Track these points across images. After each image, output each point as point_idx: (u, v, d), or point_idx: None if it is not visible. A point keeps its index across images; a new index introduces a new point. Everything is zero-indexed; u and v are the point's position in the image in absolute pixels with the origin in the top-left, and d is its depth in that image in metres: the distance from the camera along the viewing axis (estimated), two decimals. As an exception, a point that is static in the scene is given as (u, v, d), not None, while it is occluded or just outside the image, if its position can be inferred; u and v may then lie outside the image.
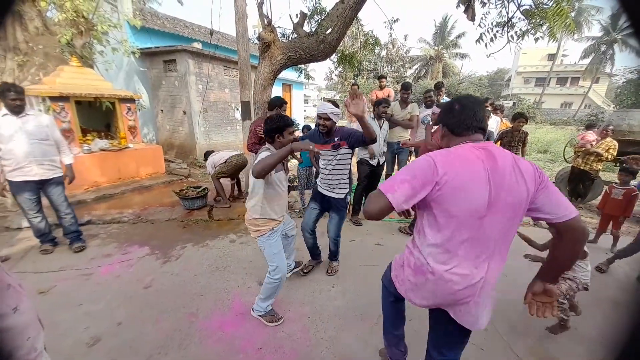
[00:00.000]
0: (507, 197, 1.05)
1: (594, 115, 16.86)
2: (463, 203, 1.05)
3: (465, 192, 1.04)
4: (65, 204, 3.13)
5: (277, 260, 2.06)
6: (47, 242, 3.13)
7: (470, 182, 1.04)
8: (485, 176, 1.04)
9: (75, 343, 1.96)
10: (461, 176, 1.04)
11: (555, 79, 31.22)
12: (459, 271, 1.10)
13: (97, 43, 5.82)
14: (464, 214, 1.06)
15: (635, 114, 5.75)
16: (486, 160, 1.06)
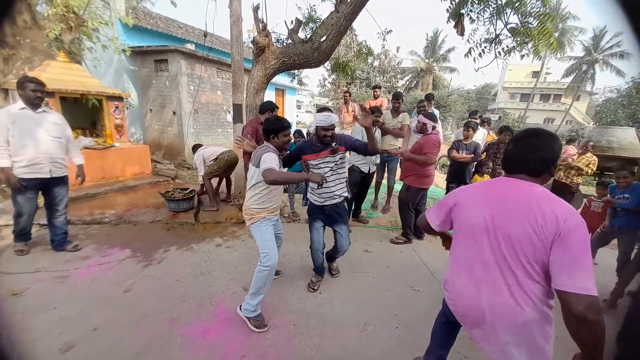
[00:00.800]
0: (505, 228, 1.09)
1: (575, 131, 17.59)
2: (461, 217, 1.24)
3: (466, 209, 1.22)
4: (64, 204, 3.03)
5: (267, 247, 2.09)
6: (22, 241, 2.97)
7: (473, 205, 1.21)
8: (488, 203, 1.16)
9: (48, 349, 1.86)
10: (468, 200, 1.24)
11: (539, 95, 32.47)
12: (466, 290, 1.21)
13: (86, 39, 5.70)
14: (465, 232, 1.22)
15: (614, 131, 6.03)
16: (501, 188, 1.16)
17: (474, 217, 1.17)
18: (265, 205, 2.15)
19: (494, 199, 1.15)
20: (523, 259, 1.04)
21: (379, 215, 4.66)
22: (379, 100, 5.91)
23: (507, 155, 1.20)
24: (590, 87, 28.31)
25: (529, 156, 1.12)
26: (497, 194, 1.16)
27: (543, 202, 1.03)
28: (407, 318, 2.33)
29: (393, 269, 3.11)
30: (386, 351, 2.01)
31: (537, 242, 1.01)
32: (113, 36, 6.14)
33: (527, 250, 1.03)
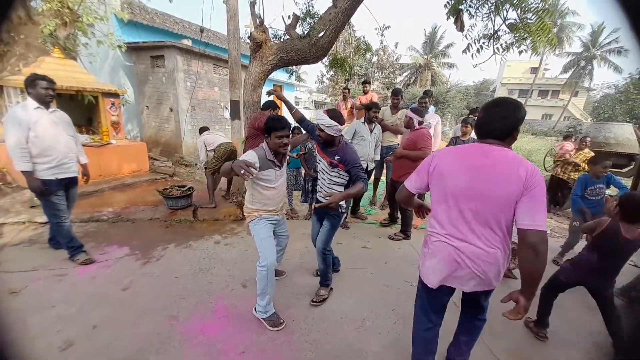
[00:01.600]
0: (487, 186, 1.28)
1: (573, 127, 17.63)
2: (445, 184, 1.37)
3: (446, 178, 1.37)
4: (71, 208, 2.97)
5: (263, 246, 2.08)
6: (77, 250, 2.82)
7: (451, 167, 1.36)
8: (469, 164, 1.32)
9: (47, 347, 1.86)
10: (446, 163, 1.38)
11: (537, 92, 32.51)
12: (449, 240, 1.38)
13: (81, 35, 5.63)
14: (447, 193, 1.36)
15: (611, 127, 6.05)
16: (479, 152, 1.32)
17: (457, 180, 1.33)
18: (261, 206, 2.12)
19: (474, 164, 1.31)
20: (499, 214, 1.28)
21: (377, 211, 4.67)
22: (368, 96, 5.88)
23: (478, 123, 1.38)
24: (588, 83, 28.37)
25: (496, 124, 1.31)
26: (476, 158, 1.31)
27: (517, 165, 1.24)
28: (405, 313, 2.34)
29: (391, 264, 3.12)
30: (384, 346, 2.03)
31: (511, 198, 1.23)
32: (108, 32, 6.07)
33: (502, 206, 1.26)
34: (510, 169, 1.24)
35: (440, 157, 1.41)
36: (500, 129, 1.30)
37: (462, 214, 1.34)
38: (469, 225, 1.33)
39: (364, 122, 3.88)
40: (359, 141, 3.85)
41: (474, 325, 1.67)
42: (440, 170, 1.38)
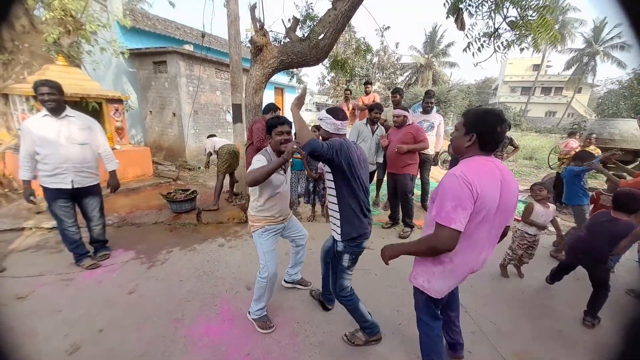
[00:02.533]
0: (511, 199, 1.36)
1: (577, 124, 17.45)
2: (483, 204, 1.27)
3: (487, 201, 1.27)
4: (99, 215, 2.94)
5: (265, 259, 2.07)
6: (83, 256, 2.85)
7: (489, 189, 1.28)
8: (498, 184, 1.30)
9: (53, 351, 1.88)
10: (488, 190, 1.27)
11: (540, 89, 32.28)
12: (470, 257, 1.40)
13: (85, 42, 5.71)
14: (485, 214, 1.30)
15: (616, 123, 5.98)
16: (498, 171, 1.33)
17: (492, 201, 1.29)
18: (264, 213, 2.06)
19: (498, 183, 1.31)
20: (505, 221, 1.40)
21: (381, 212, 4.66)
22: (370, 97, 5.87)
23: (491, 139, 1.32)
24: (591, 79, 28.11)
25: (503, 138, 1.35)
26: (496, 174, 1.32)
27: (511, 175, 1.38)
28: (410, 314, 2.32)
29: (395, 265, 3.06)
30: (390, 347, 2.02)
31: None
32: (111, 39, 6.14)
33: (511, 215, 1.41)
34: (513, 180, 1.38)
35: (477, 175, 1.26)
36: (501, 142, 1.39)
37: (490, 231, 1.37)
38: (489, 238, 1.39)
39: (366, 123, 3.88)
40: (360, 142, 3.85)
41: (454, 295, 1.86)
42: (479, 189, 1.25)
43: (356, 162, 1.76)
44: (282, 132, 1.96)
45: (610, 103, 19.48)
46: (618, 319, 2.41)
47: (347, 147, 1.73)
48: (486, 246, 1.41)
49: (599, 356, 2.02)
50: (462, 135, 1.36)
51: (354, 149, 1.79)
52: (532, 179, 7.98)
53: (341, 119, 1.80)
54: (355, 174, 1.76)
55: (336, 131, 1.81)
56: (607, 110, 18.89)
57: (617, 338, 2.11)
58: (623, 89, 19.47)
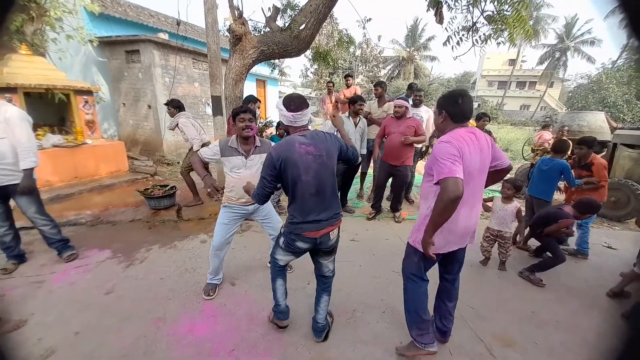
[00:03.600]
0: (486, 161, 1.61)
1: (549, 117, 18.32)
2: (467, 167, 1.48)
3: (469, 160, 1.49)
4: (37, 215, 2.67)
5: (216, 229, 2.32)
6: (11, 257, 2.69)
7: (470, 154, 1.50)
8: (478, 150, 1.54)
9: (27, 356, 1.78)
10: (467, 152, 1.49)
11: (515, 83, 33.51)
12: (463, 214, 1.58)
13: (49, 30, 5.31)
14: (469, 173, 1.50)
15: (584, 116, 6.29)
16: (477, 140, 1.55)
17: (474, 162, 1.53)
18: (227, 193, 2.30)
19: (477, 146, 1.54)
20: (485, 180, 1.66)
21: (365, 204, 4.71)
22: (352, 89, 5.88)
23: (458, 111, 1.57)
24: (562, 74, 29.47)
25: (470, 109, 1.59)
26: (476, 140, 1.55)
27: (487, 137, 1.64)
28: (394, 302, 2.39)
29: (379, 256, 3.16)
30: (374, 335, 2.06)
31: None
32: (78, 26, 5.74)
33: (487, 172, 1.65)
34: (486, 141, 1.61)
35: (461, 143, 1.48)
36: (471, 112, 1.63)
37: (474, 188, 1.59)
38: (475, 195, 1.62)
39: (349, 116, 3.87)
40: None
41: (454, 287, 1.92)
42: (464, 154, 1.47)
43: (295, 163, 1.57)
44: (244, 119, 2.09)
45: (580, 97, 20.51)
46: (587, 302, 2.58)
47: (285, 156, 1.56)
48: (475, 203, 1.64)
49: (574, 337, 2.16)
50: (437, 116, 1.66)
51: (297, 146, 1.57)
52: (507, 169, 8.31)
53: (293, 110, 1.59)
54: (298, 179, 1.60)
55: (290, 123, 1.64)
56: (576, 104, 19.89)
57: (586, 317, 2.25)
58: (592, 83, 20.55)
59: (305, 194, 1.62)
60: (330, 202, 1.71)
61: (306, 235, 1.69)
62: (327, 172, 1.65)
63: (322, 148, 1.62)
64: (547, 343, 2.06)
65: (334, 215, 1.74)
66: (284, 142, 1.63)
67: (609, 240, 3.83)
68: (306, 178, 1.59)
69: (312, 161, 1.59)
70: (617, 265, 3.13)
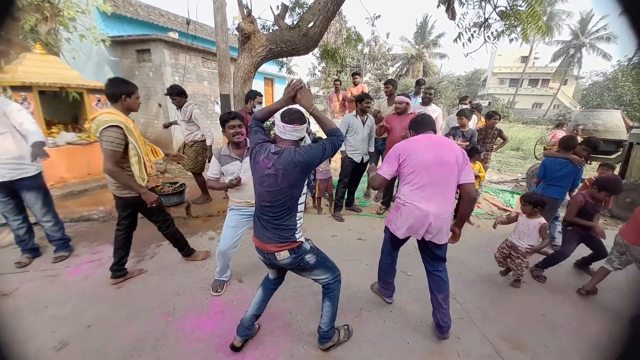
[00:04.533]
0: (445, 157, 1.84)
1: (562, 115, 17.85)
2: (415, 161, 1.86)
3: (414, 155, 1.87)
4: (44, 210, 2.73)
5: (222, 233, 2.35)
6: (26, 251, 2.77)
7: (417, 150, 1.88)
8: (428, 146, 1.88)
9: (41, 347, 1.84)
10: (411, 149, 1.89)
11: (527, 80, 32.77)
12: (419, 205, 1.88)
13: (63, 30, 5.44)
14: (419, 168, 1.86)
15: (600, 114, 6.11)
16: (430, 139, 1.92)
17: (424, 158, 1.84)
18: (230, 196, 2.36)
19: (432, 145, 1.88)
20: (451, 179, 1.86)
21: (372, 203, 4.69)
22: (359, 87, 5.83)
23: (419, 121, 2.04)
24: (577, 71, 28.68)
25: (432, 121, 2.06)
26: (431, 142, 1.90)
27: (454, 146, 1.91)
28: (401, 302, 2.38)
29: (386, 255, 3.14)
30: (381, 334, 2.06)
31: (456, 168, 1.85)
32: (91, 25, 5.87)
33: (453, 173, 1.85)
34: (450, 145, 1.91)
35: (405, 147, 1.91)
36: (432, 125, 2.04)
37: (432, 179, 1.84)
38: (435, 187, 1.85)
39: (356, 114, 3.85)
40: (351, 134, 3.83)
41: (440, 279, 2.01)
42: (408, 153, 1.87)
43: (256, 169, 1.58)
44: (234, 126, 2.16)
45: (595, 94, 19.95)
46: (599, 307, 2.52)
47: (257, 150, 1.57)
48: (434, 194, 1.86)
49: (582, 339, 2.11)
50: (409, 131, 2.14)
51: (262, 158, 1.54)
52: (519, 169, 8.16)
53: (286, 121, 1.55)
54: (253, 178, 1.62)
55: (280, 134, 1.59)
56: (591, 102, 19.36)
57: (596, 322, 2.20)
58: (607, 81, 19.95)
59: (258, 201, 1.62)
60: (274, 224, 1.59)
61: (258, 245, 1.67)
62: (278, 193, 1.53)
63: (280, 168, 1.50)
64: (558, 346, 2.02)
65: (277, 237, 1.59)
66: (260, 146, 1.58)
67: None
68: (260, 189, 1.58)
69: (266, 176, 1.53)
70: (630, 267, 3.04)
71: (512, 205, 4.92)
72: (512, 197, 5.34)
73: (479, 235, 3.73)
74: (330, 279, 1.80)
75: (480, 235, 3.74)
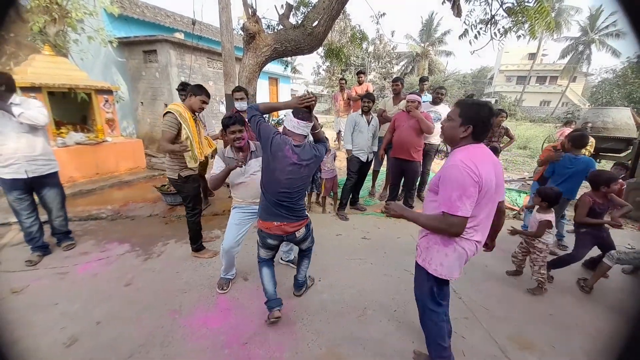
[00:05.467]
0: (500, 180, 1.46)
1: (571, 113, 17.55)
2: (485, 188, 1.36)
3: (489, 184, 1.36)
4: (59, 206, 2.91)
5: (226, 230, 2.37)
6: (36, 248, 2.84)
7: (487, 172, 1.35)
8: (493, 169, 1.39)
9: (51, 343, 1.88)
10: (486, 174, 1.35)
11: (535, 78, 32.28)
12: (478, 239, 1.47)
13: (71, 31, 5.53)
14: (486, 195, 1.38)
15: (609, 112, 6.00)
16: (490, 156, 1.44)
17: (490, 186, 1.37)
18: (234, 196, 2.39)
19: (492, 165, 1.41)
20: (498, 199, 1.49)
21: (377, 202, 4.68)
22: (363, 86, 5.82)
23: (486, 130, 1.44)
24: (586, 68, 28.13)
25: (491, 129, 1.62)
26: (491, 161, 1.42)
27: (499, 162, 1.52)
28: (405, 301, 2.37)
29: (391, 254, 3.14)
30: (386, 333, 2.05)
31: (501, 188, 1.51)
32: (98, 27, 5.95)
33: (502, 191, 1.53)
34: (499, 162, 1.51)
35: (478, 167, 1.34)
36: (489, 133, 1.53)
37: (490, 209, 1.46)
38: (489, 215, 1.48)
39: (361, 114, 3.85)
40: (357, 134, 3.82)
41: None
42: (484, 179, 1.34)
43: (279, 158, 1.78)
44: (234, 132, 2.16)
45: (604, 92, 19.57)
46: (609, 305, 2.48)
47: (279, 142, 1.79)
48: (487, 223, 1.49)
49: (592, 340, 2.08)
50: (458, 126, 1.42)
51: (287, 149, 1.78)
52: (526, 168, 8.05)
53: (300, 118, 1.82)
54: (272, 166, 1.81)
55: (292, 129, 1.83)
56: (600, 99, 19.01)
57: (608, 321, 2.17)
58: (617, 78, 19.56)
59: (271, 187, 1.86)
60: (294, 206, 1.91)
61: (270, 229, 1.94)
62: (299, 180, 1.86)
63: (304, 160, 1.83)
64: (566, 347, 2.00)
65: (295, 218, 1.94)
66: (279, 136, 1.82)
67: (633, 242, 3.65)
68: (279, 176, 1.81)
69: (288, 166, 1.80)
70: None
71: (519, 205, 4.86)
72: (519, 196, 5.27)
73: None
74: (312, 243, 2.22)
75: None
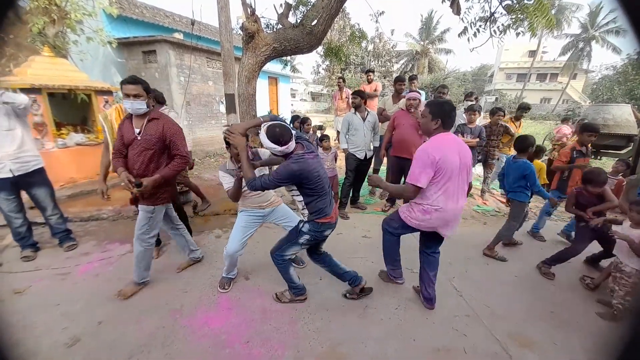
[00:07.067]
0: (467, 161, 1.97)
1: (571, 110, 17.53)
2: (447, 165, 1.88)
3: (450, 161, 1.89)
4: (51, 205, 2.91)
5: (231, 234, 2.39)
6: (27, 247, 2.87)
7: (448, 154, 1.89)
8: (454, 148, 1.92)
9: (53, 344, 1.88)
10: (444, 156, 1.88)
11: (535, 75, 32.21)
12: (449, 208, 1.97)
13: (71, 32, 5.53)
14: (450, 172, 1.90)
15: (610, 109, 6.00)
16: (455, 141, 1.99)
17: (454, 162, 1.89)
18: (244, 205, 2.40)
19: (457, 147, 1.93)
20: (467, 177, 2.02)
21: (377, 200, 4.68)
22: (373, 85, 5.80)
23: (451, 120, 1.97)
24: (586, 65, 28.07)
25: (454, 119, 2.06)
26: (455, 144, 1.95)
27: (467, 147, 2.05)
28: (406, 299, 2.37)
29: (392, 253, 3.13)
30: (386, 331, 2.06)
31: (471, 169, 2.04)
32: (97, 28, 5.95)
33: (470, 174, 2.03)
34: (466, 146, 2.03)
35: (442, 149, 1.89)
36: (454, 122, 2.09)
37: (458, 184, 1.95)
38: (459, 189, 1.97)
39: (355, 112, 3.84)
40: (352, 133, 3.83)
41: (435, 260, 2.26)
42: (444, 160, 1.86)
43: (315, 164, 1.91)
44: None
45: (605, 89, 19.56)
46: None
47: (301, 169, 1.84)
48: (460, 195, 1.99)
49: (592, 338, 2.08)
50: (430, 121, 1.97)
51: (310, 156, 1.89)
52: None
53: (284, 143, 1.78)
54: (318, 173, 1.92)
55: (283, 153, 1.86)
56: (601, 96, 18.99)
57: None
58: (618, 75, 19.53)
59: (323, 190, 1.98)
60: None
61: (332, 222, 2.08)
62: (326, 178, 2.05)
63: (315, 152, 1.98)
64: (567, 344, 2.00)
65: None
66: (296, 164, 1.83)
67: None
68: (322, 182, 1.97)
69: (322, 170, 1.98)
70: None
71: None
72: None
73: (485, 232, 3.69)
74: None
75: (486, 233, 3.70)
